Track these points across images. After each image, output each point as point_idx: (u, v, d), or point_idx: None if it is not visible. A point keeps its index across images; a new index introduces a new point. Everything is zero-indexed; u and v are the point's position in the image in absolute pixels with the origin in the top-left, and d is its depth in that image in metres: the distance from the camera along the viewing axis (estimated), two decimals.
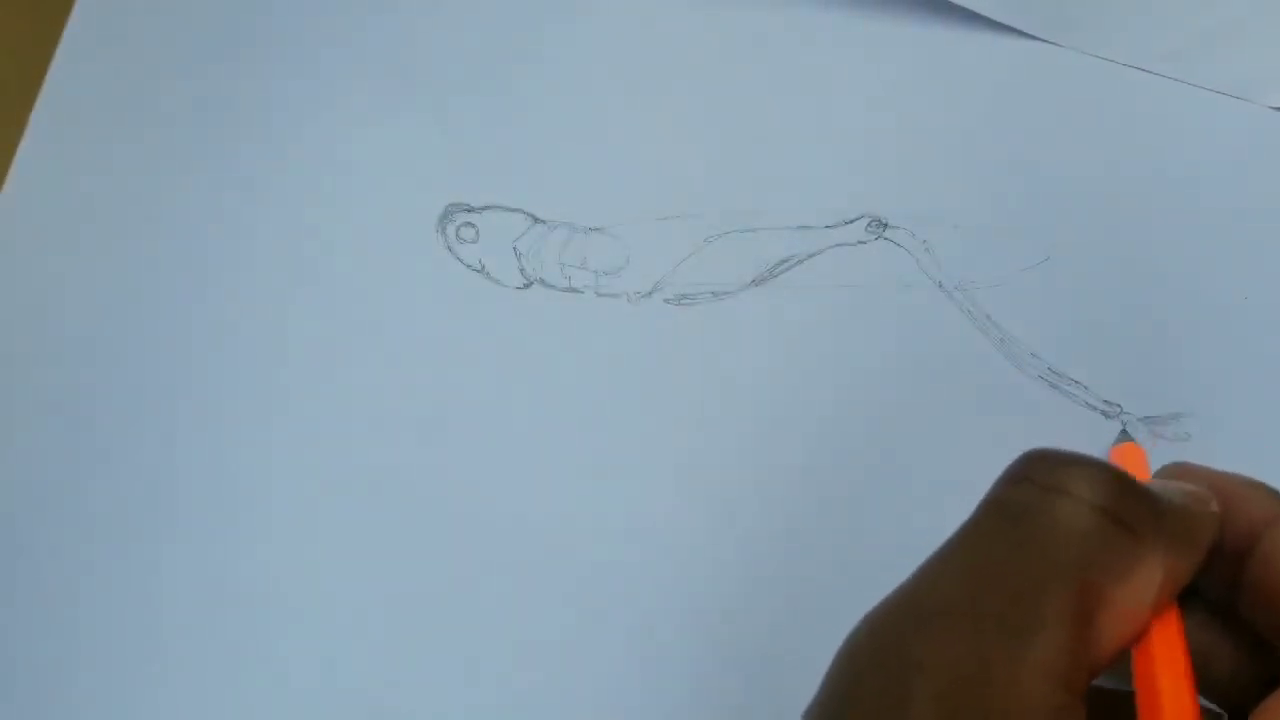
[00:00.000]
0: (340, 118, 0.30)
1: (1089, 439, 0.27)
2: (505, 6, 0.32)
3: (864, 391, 0.27)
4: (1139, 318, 0.28)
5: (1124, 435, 0.27)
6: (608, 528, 0.26)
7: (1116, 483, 0.16)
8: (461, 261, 0.29)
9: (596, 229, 0.29)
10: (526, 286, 0.29)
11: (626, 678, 0.25)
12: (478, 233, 0.29)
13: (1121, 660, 0.17)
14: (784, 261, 0.29)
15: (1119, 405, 0.27)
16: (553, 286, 0.29)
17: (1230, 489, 0.18)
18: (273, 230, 0.29)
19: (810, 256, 0.29)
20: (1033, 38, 0.32)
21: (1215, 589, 0.18)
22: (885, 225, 0.29)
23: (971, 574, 0.16)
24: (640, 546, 0.26)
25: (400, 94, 0.31)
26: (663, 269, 0.29)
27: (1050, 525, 0.16)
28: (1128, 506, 0.16)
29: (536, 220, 0.29)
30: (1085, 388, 0.27)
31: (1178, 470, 0.20)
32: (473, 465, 0.27)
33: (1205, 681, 0.17)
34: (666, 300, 0.29)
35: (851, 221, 0.29)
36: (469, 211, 0.29)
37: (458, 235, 0.29)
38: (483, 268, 0.29)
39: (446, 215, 0.29)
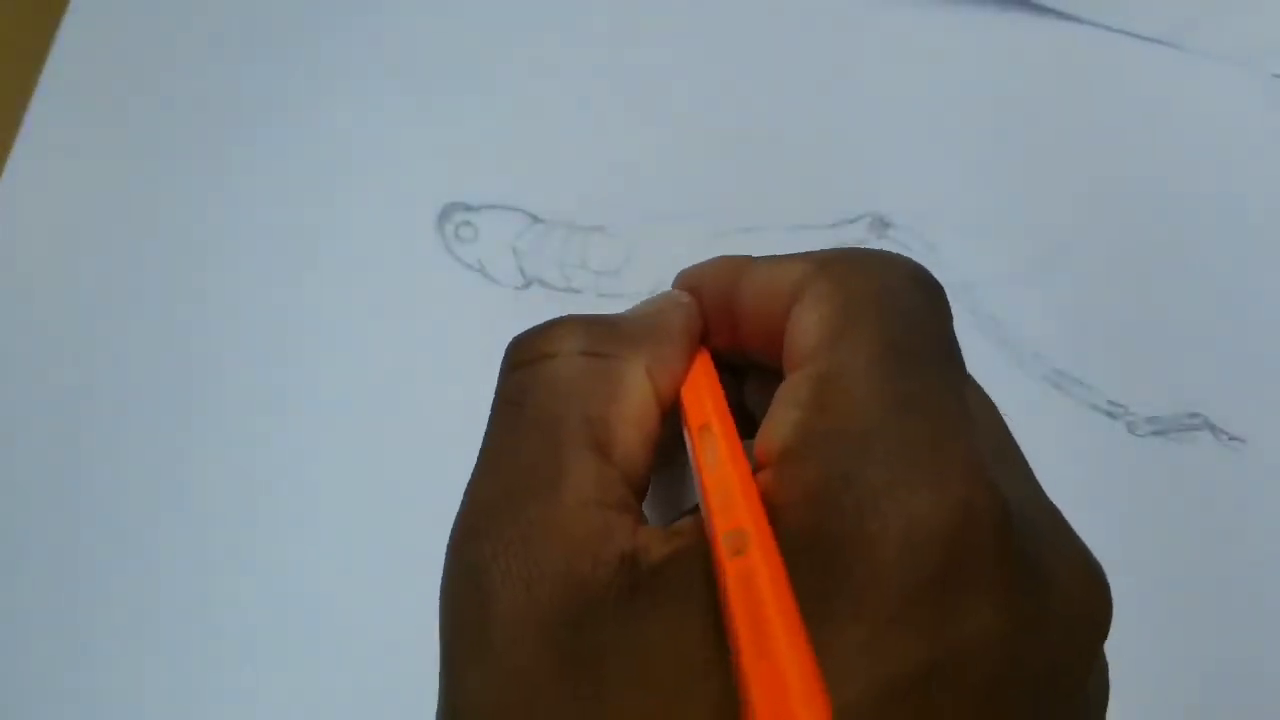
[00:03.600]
0: (339, 117, 0.30)
1: (1094, 440, 0.27)
2: (505, 6, 0.32)
3: None
4: (1144, 317, 0.28)
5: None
6: None
7: (582, 325, 0.18)
8: (460, 261, 0.29)
9: (596, 229, 0.29)
10: (525, 286, 0.29)
11: None
12: (477, 232, 0.29)
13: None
14: None
15: (1124, 405, 0.27)
16: (552, 286, 0.29)
17: (700, 271, 0.21)
18: (271, 229, 0.29)
19: None
20: (1034, 34, 0.32)
21: (733, 352, 0.20)
22: (888, 224, 0.29)
23: (500, 470, 0.17)
24: None
25: (399, 93, 0.31)
26: (663, 269, 0.29)
27: (542, 390, 0.18)
28: (596, 339, 0.18)
29: (536, 220, 0.29)
30: (1090, 388, 0.27)
31: (664, 290, 0.22)
32: (471, 464, 0.26)
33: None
34: None
35: (854, 220, 0.29)
36: (468, 210, 0.29)
37: (457, 234, 0.29)
38: (481, 267, 0.29)
39: (445, 214, 0.29)
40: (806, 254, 0.19)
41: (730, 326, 0.20)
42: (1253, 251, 0.29)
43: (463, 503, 0.18)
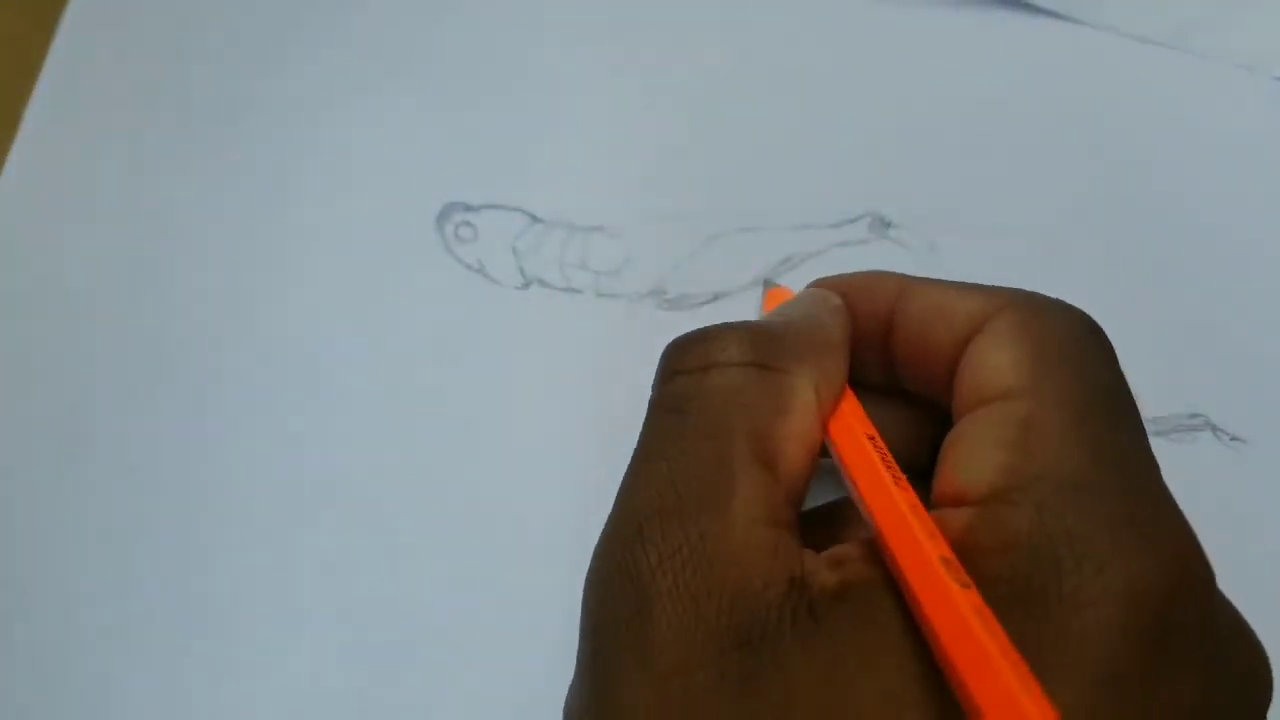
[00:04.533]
0: (338, 116, 0.30)
1: None
2: (505, 6, 0.32)
3: None
4: (1144, 317, 0.28)
5: (768, 283, 0.28)
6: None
7: (748, 335, 0.18)
8: (460, 261, 0.29)
9: (596, 229, 0.29)
10: (525, 286, 0.28)
11: None
12: (476, 232, 0.29)
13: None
14: (786, 261, 0.29)
15: None
16: (551, 286, 0.29)
17: (855, 281, 0.21)
18: (270, 229, 0.29)
19: (812, 256, 0.29)
20: (1036, 35, 0.32)
21: (879, 373, 0.20)
22: (889, 224, 0.29)
23: (663, 473, 0.17)
24: None
25: (399, 92, 0.31)
26: (662, 269, 0.29)
27: (708, 399, 0.17)
28: (762, 350, 0.18)
29: (535, 220, 0.29)
30: None
31: (802, 292, 0.22)
32: (471, 465, 0.26)
33: (894, 447, 0.18)
34: (667, 300, 0.28)
35: (854, 220, 0.29)
36: (468, 210, 0.29)
37: (456, 234, 0.29)
38: (481, 267, 0.29)
39: (445, 214, 0.29)
40: (979, 286, 0.19)
41: (877, 343, 0.20)
42: (1253, 252, 0.29)
43: (619, 506, 0.17)
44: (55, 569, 0.25)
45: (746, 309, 0.28)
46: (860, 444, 0.18)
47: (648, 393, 0.27)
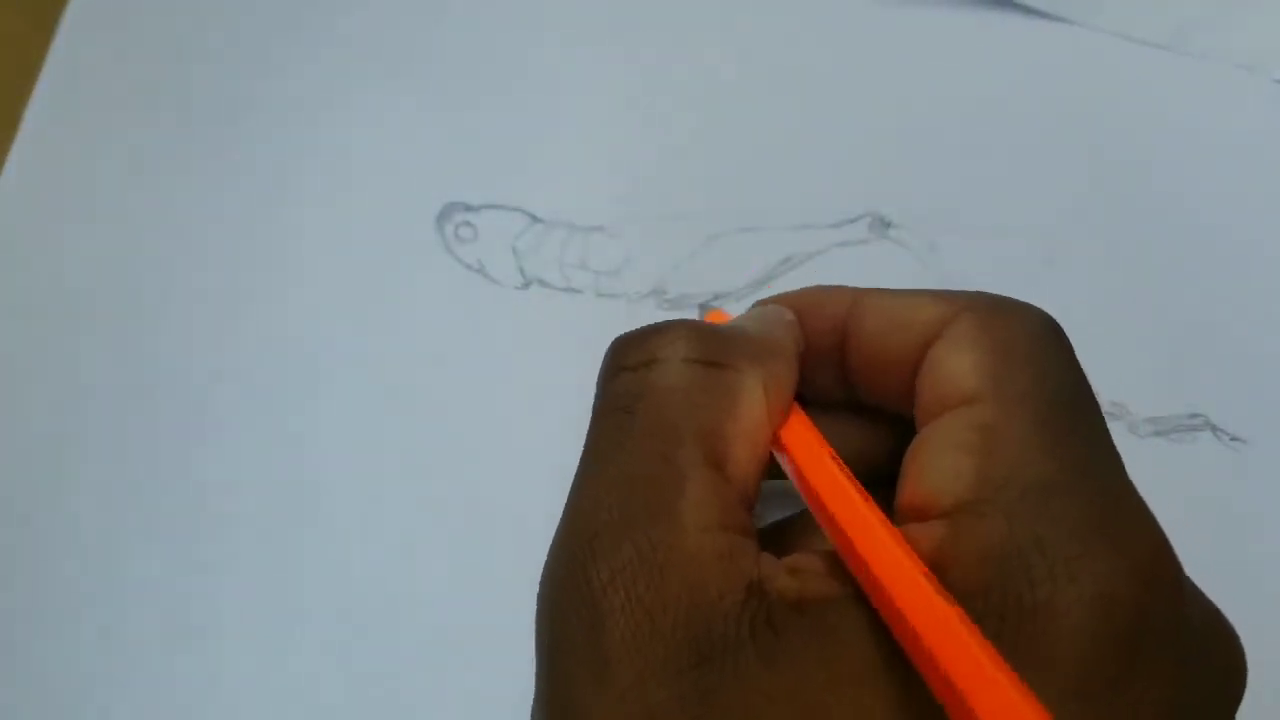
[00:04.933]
0: (339, 116, 0.30)
1: None
2: (505, 6, 0.32)
3: None
4: (1144, 317, 0.28)
5: (702, 309, 0.28)
6: None
7: (696, 333, 0.18)
8: (460, 261, 0.29)
9: (596, 229, 0.29)
10: (525, 286, 0.28)
11: None
12: (476, 232, 0.29)
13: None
14: (786, 261, 0.29)
15: (1124, 405, 0.27)
16: (552, 286, 0.29)
17: (804, 297, 0.20)
18: (270, 229, 0.29)
19: (812, 256, 0.29)
20: (1036, 36, 0.32)
21: (834, 389, 0.20)
22: (889, 224, 0.29)
23: (610, 480, 0.16)
24: None
25: (399, 92, 0.31)
26: (663, 269, 0.29)
27: (653, 397, 0.17)
28: (712, 348, 0.17)
29: (535, 220, 0.29)
30: None
31: (752, 309, 0.21)
32: (471, 465, 0.26)
33: (849, 462, 0.18)
34: (667, 300, 0.28)
35: (854, 220, 0.29)
36: (468, 210, 0.29)
37: (456, 234, 0.29)
38: (481, 267, 0.29)
39: (445, 214, 0.29)
40: (932, 291, 0.18)
41: (831, 358, 0.20)
42: (1253, 252, 0.29)
43: (568, 513, 0.17)
44: (55, 569, 0.25)
45: (747, 308, 0.28)
46: (820, 458, 0.17)
47: None
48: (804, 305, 0.20)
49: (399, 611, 0.25)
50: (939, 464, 0.16)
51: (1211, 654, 0.15)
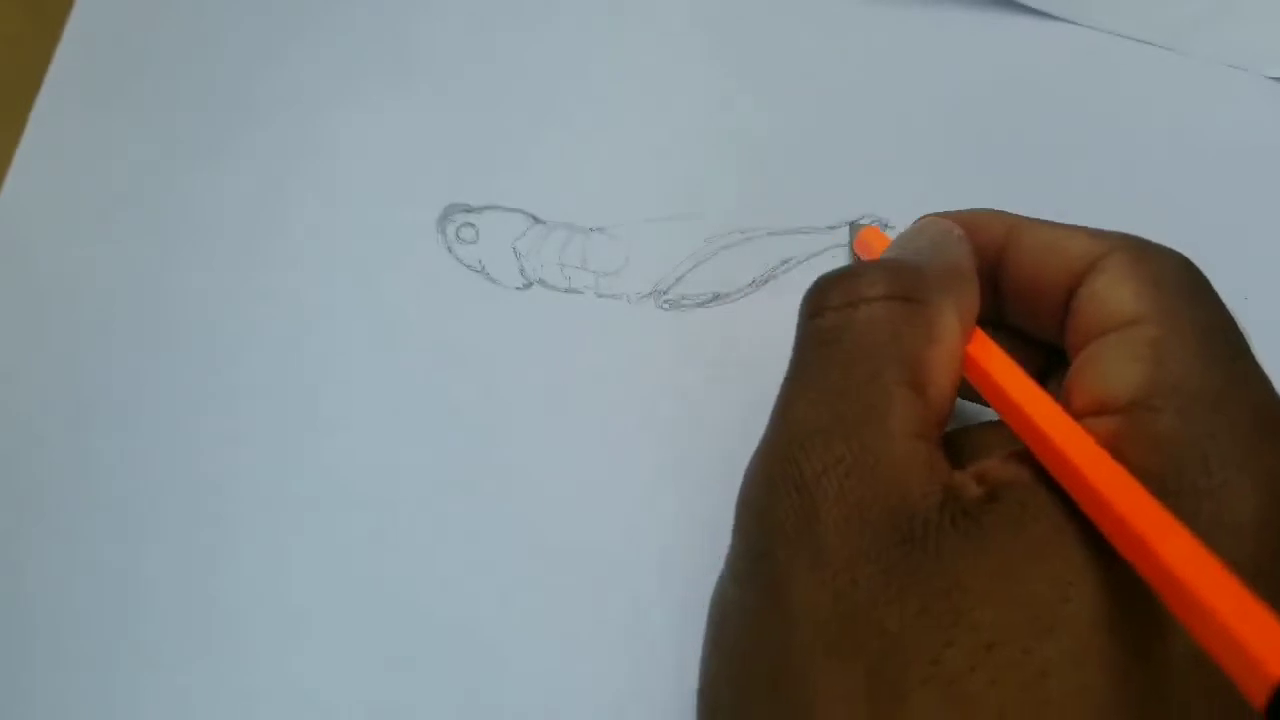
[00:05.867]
0: (339, 117, 0.30)
1: None
2: (506, 6, 0.32)
3: None
4: None
5: (854, 227, 0.29)
6: (606, 529, 0.26)
7: (891, 270, 0.19)
8: (461, 262, 0.29)
9: (596, 229, 0.29)
10: (526, 287, 0.29)
11: (623, 676, 0.25)
12: (477, 233, 0.29)
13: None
14: (785, 262, 0.29)
15: None
16: (553, 287, 0.29)
17: (966, 218, 0.22)
18: (272, 230, 0.29)
19: (811, 257, 0.29)
20: (1035, 35, 0.32)
21: (984, 310, 0.21)
22: (887, 225, 0.29)
23: (819, 396, 0.18)
24: (638, 547, 0.26)
25: (400, 93, 0.31)
26: (663, 269, 0.29)
27: (859, 332, 0.18)
28: (906, 284, 0.19)
29: (536, 220, 0.29)
30: None
31: (919, 225, 0.23)
32: (471, 465, 0.27)
33: None
34: (667, 301, 0.29)
35: (853, 221, 0.29)
36: (469, 211, 0.29)
37: (457, 235, 0.29)
38: (482, 268, 0.29)
39: (446, 215, 0.29)
40: (1087, 229, 0.20)
41: (985, 280, 0.21)
42: (1253, 252, 0.29)
43: (776, 423, 0.19)
44: (56, 570, 0.25)
45: (747, 309, 0.28)
46: (1004, 363, 0.19)
47: (648, 393, 0.27)
48: (966, 226, 0.21)
49: (399, 611, 0.25)
50: (1112, 370, 0.17)
51: None
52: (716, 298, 0.29)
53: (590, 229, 0.29)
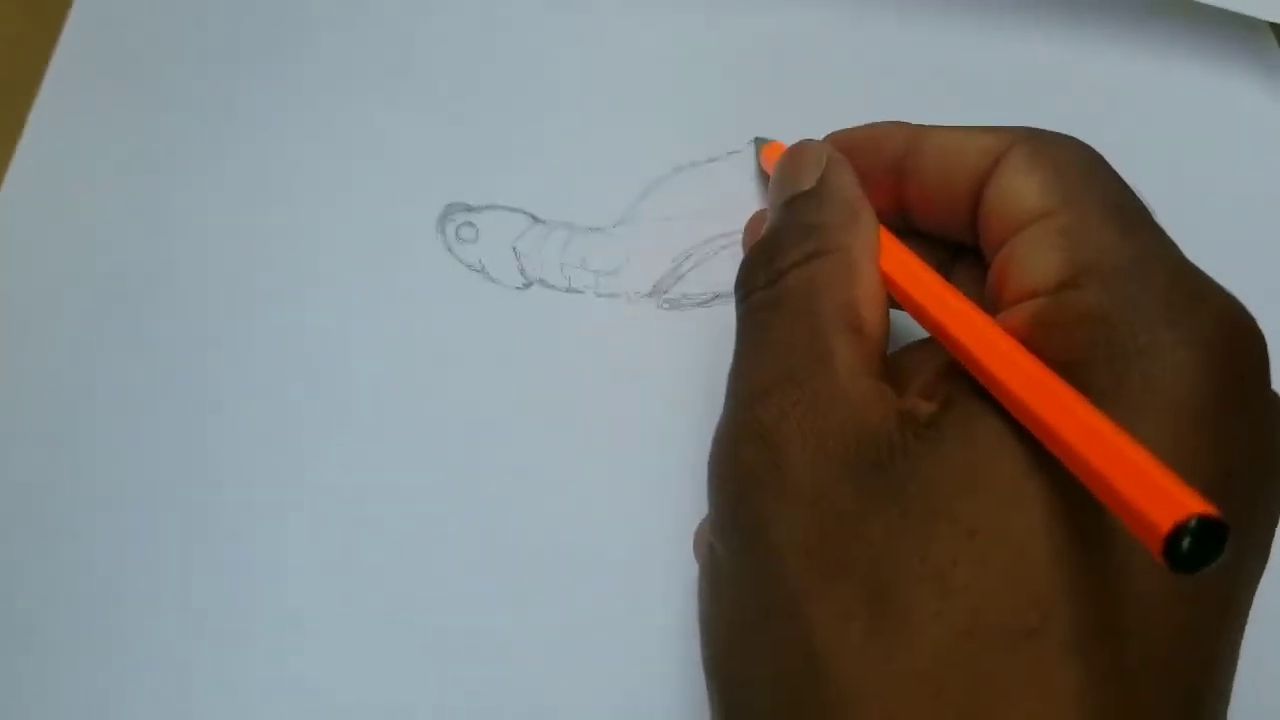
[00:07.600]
0: (339, 117, 0.30)
1: None
2: (506, 6, 0.32)
3: None
4: None
5: (758, 143, 0.29)
6: (607, 528, 0.26)
7: (799, 234, 0.21)
8: (461, 261, 0.29)
9: (596, 229, 0.29)
10: (526, 287, 0.29)
11: (624, 676, 0.25)
12: (477, 232, 0.29)
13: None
14: None
15: None
16: (553, 287, 0.29)
17: (861, 134, 0.23)
18: (272, 230, 0.29)
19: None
20: (1034, 35, 0.32)
21: (889, 219, 0.22)
22: None
23: (766, 359, 0.19)
24: (639, 546, 0.26)
25: (400, 93, 0.31)
26: (663, 269, 0.29)
27: (790, 297, 0.20)
28: (815, 241, 0.20)
29: (536, 220, 0.29)
30: None
31: (796, 151, 0.23)
32: (471, 465, 0.27)
33: None
34: (667, 301, 0.29)
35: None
36: (469, 211, 0.29)
37: (457, 235, 0.29)
38: (482, 268, 0.29)
39: (446, 215, 0.29)
40: (986, 127, 0.21)
41: (887, 189, 0.22)
42: (1252, 252, 0.29)
43: (733, 389, 0.20)
44: (55, 570, 0.25)
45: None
46: (916, 271, 0.20)
47: (648, 392, 0.27)
48: (862, 142, 0.22)
49: (400, 612, 0.25)
50: (1031, 263, 0.18)
51: None
52: (716, 298, 0.29)
53: (590, 229, 0.29)
